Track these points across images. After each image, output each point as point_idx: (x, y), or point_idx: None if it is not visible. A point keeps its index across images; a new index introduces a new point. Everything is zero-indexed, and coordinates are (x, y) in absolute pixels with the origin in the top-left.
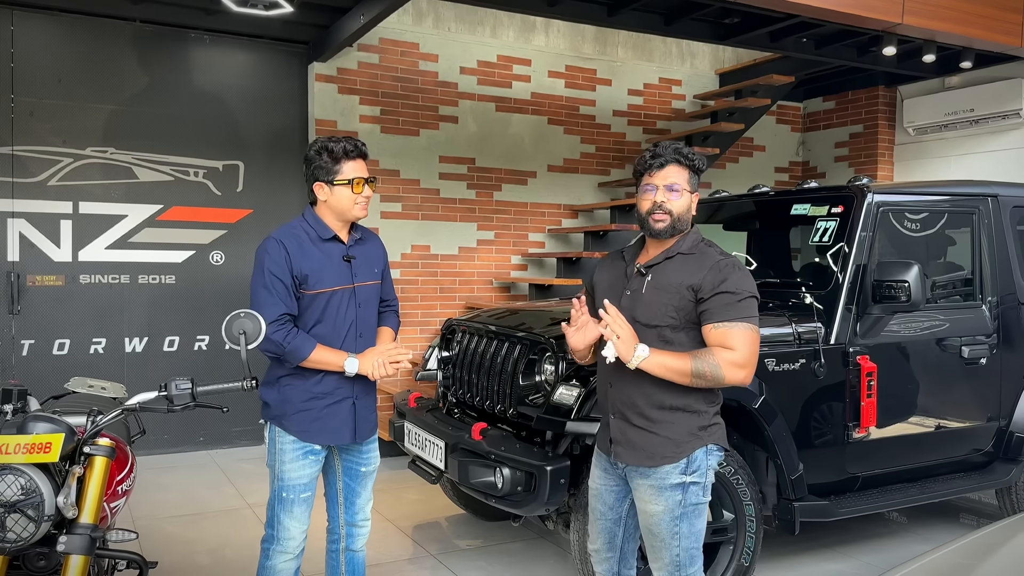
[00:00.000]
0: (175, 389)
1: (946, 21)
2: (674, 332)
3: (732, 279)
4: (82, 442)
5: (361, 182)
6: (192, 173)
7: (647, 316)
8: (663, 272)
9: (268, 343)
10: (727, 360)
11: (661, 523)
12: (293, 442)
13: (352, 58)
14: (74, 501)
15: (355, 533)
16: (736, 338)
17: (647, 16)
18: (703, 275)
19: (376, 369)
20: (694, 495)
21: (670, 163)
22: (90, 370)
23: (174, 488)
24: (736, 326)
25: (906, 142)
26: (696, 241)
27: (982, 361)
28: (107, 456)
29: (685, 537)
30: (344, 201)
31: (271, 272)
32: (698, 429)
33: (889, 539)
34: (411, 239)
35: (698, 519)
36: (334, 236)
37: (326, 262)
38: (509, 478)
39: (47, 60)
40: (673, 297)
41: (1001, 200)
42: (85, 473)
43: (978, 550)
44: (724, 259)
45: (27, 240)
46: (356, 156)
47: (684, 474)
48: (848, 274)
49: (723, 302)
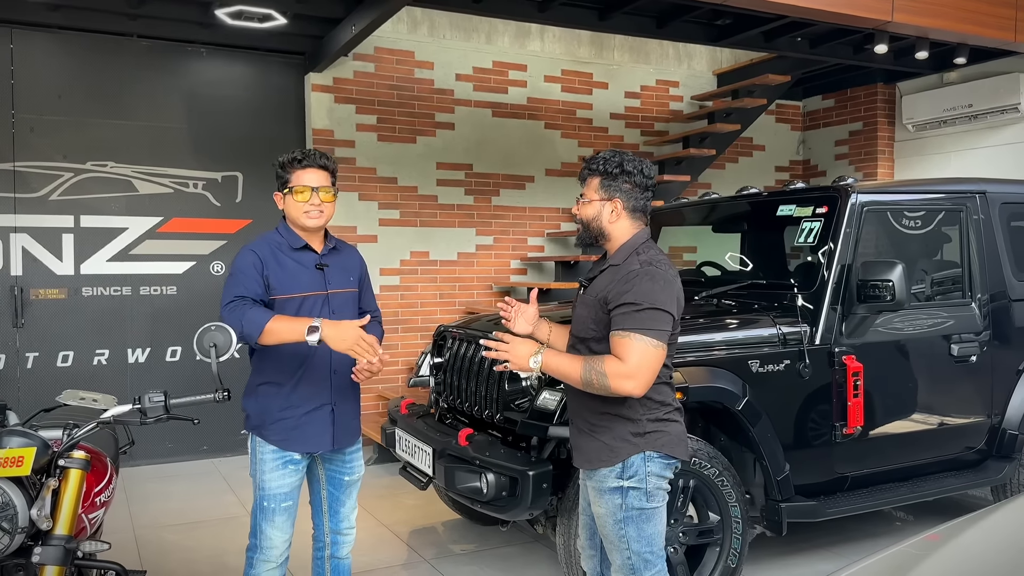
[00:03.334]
0: (148, 402)
1: (937, 18)
2: (598, 344)
3: (636, 289)
4: (57, 455)
5: (306, 191)
6: (191, 185)
7: (576, 329)
8: (595, 285)
9: (228, 321)
10: (614, 371)
11: (607, 526)
12: (272, 452)
13: (348, 68)
14: (48, 513)
15: (340, 541)
16: (626, 348)
17: (639, 19)
18: (613, 286)
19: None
20: (635, 499)
21: (585, 175)
22: (94, 381)
23: (176, 496)
24: (629, 336)
25: (906, 139)
26: (630, 250)
27: (972, 359)
28: (82, 468)
29: (634, 541)
30: (292, 209)
31: (239, 271)
32: (632, 435)
33: (884, 538)
34: (410, 246)
35: (646, 524)
36: (305, 245)
37: (298, 269)
38: (493, 483)
39: (47, 77)
40: (591, 310)
41: (990, 197)
42: (60, 485)
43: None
44: (638, 269)
45: (30, 254)
46: (307, 165)
47: (621, 478)
48: (833, 274)
49: (622, 312)
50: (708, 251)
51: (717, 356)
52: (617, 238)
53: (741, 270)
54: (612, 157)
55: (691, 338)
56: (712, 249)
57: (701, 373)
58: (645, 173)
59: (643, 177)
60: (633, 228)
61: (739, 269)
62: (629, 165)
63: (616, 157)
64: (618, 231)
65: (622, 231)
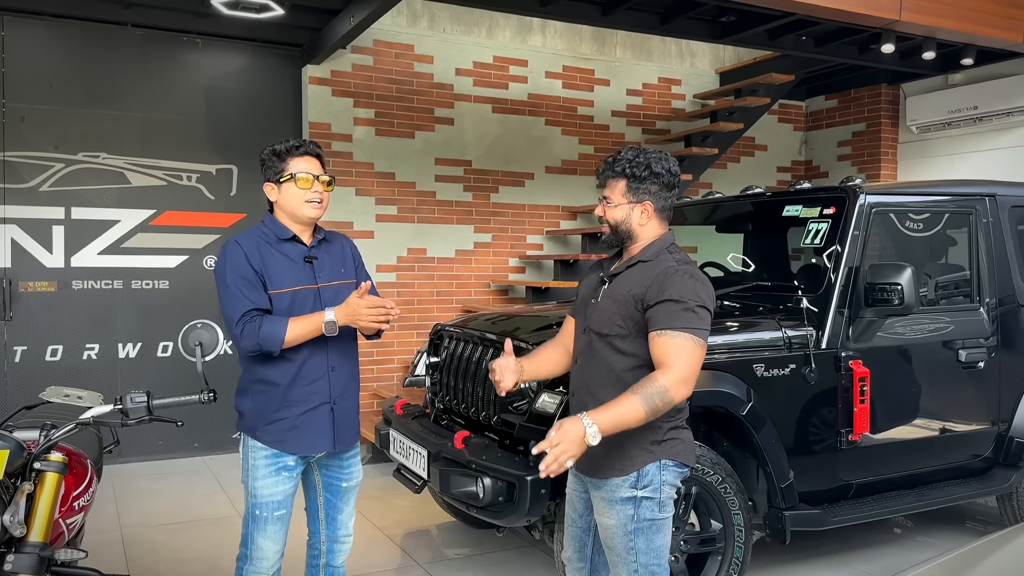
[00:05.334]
0: (130, 402)
1: (945, 17)
2: (623, 341)
3: (677, 287)
4: (33, 457)
5: (309, 178)
6: (185, 177)
7: (599, 325)
8: (621, 281)
9: (245, 342)
10: (672, 382)
11: (615, 537)
12: (266, 458)
13: (346, 60)
14: (22, 519)
15: (336, 549)
16: (676, 350)
17: (642, 15)
18: (649, 283)
19: (366, 312)
20: (648, 510)
21: (608, 177)
22: (83, 376)
23: (165, 495)
24: (678, 336)
25: (909, 140)
26: (660, 248)
27: (980, 365)
28: (58, 472)
29: (643, 553)
30: (292, 199)
31: (232, 271)
32: (650, 443)
33: (889, 547)
34: (407, 242)
35: (656, 535)
36: (293, 236)
37: (286, 263)
38: (490, 488)
39: (38, 65)
40: (621, 306)
41: (999, 200)
42: (36, 489)
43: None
44: (676, 267)
45: (19, 246)
46: (303, 153)
47: (635, 488)
48: (840, 277)
49: (666, 310)
50: (710, 251)
51: (720, 359)
52: (646, 238)
53: (744, 271)
54: (637, 158)
55: None
56: (714, 249)
57: (704, 377)
58: (672, 171)
59: (670, 176)
60: (661, 228)
61: (741, 270)
62: (657, 166)
63: (642, 158)
64: (647, 232)
65: (651, 231)
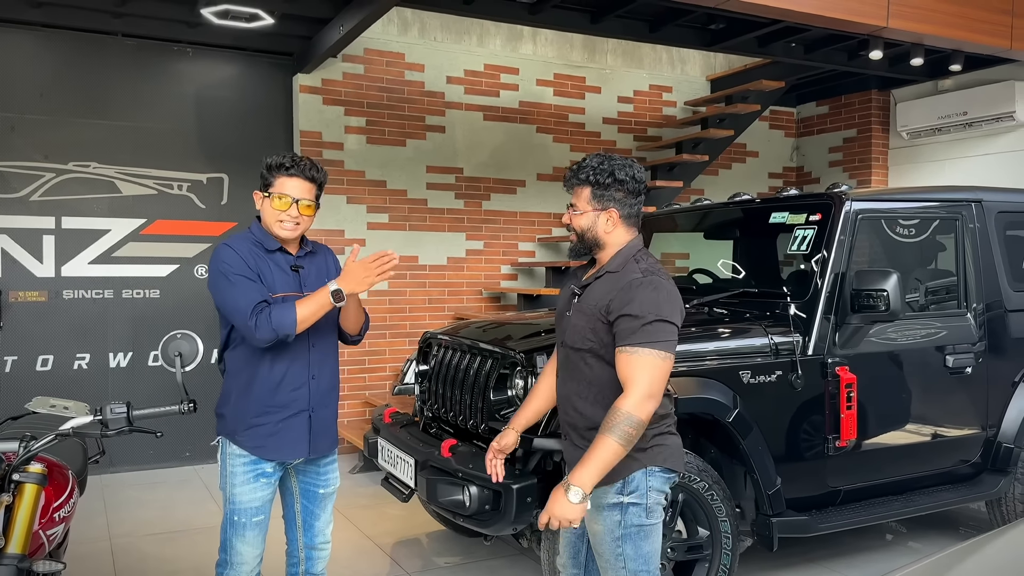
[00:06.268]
0: (110, 413)
1: (933, 24)
2: (595, 354)
3: (639, 300)
4: (12, 468)
5: (288, 201)
6: (176, 186)
7: (572, 339)
8: (590, 294)
9: (260, 332)
10: (632, 404)
11: (603, 543)
12: (244, 464)
13: (337, 69)
14: (1, 531)
15: (315, 556)
16: (636, 366)
17: (631, 23)
18: (613, 295)
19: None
20: (635, 516)
21: (573, 184)
22: (74, 386)
23: (155, 505)
24: (637, 352)
25: (900, 146)
26: (627, 257)
27: (967, 370)
28: (37, 483)
29: (631, 560)
30: (267, 215)
31: (232, 268)
32: (636, 451)
33: (878, 552)
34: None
35: (644, 541)
36: (280, 248)
37: (274, 270)
38: (476, 496)
39: (28, 75)
40: (590, 320)
41: (986, 205)
42: (15, 501)
43: None
44: (640, 278)
45: (9, 256)
46: (294, 174)
47: (621, 494)
48: (826, 283)
49: (626, 326)
50: (700, 258)
51: (707, 366)
52: (613, 246)
53: (733, 278)
54: (601, 165)
55: (681, 347)
56: (704, 256)
57: (691, 384)
58: (637, 178)
59: (635, 183)
60: (628, 235)
61: (731, 277)
62: (621, 173)
63: (606, 164)
64: (614, 239)
65: (618, 239)
